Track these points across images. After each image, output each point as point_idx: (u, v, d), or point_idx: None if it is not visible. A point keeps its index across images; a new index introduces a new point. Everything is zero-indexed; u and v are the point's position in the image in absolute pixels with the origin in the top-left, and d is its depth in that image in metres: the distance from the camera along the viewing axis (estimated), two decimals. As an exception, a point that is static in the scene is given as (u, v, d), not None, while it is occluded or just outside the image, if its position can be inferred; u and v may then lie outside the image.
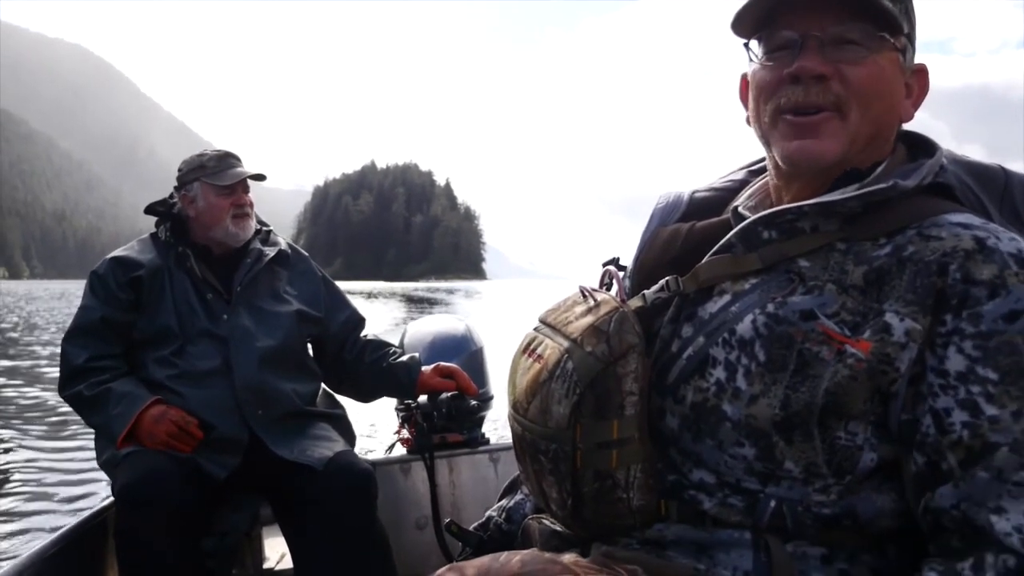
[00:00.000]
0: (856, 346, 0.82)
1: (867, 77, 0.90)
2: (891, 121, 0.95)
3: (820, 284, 0.87)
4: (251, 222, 2.19)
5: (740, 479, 0.89)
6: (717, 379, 0.89)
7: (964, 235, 0.84)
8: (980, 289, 0.81)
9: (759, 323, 0.88)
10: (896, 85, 0.93)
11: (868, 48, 0.90)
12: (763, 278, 0.92)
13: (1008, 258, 0.82)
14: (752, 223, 0.94)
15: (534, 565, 0.80)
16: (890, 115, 0.94)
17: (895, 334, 0.82)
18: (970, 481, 0.79)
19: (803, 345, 0.85)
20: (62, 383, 2.04)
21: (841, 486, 0.86)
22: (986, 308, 0.80)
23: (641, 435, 0.91)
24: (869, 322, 0.83)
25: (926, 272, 0.83)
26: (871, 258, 0.87)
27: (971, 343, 0.80)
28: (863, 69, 0.90)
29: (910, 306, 0.82)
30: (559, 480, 0.93)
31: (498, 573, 0.79)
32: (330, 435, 2.08)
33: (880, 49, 0.91)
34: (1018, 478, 0.77)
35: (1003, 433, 0.78)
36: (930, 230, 0.86)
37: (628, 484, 0.91)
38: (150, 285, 2.07)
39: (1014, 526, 0.77)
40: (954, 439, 0.80)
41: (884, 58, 0.91)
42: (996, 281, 0.81)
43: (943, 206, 0.90)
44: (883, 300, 0.84)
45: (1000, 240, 0.84)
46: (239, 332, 2.06)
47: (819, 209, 0.90)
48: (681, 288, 0.97)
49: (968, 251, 0.83)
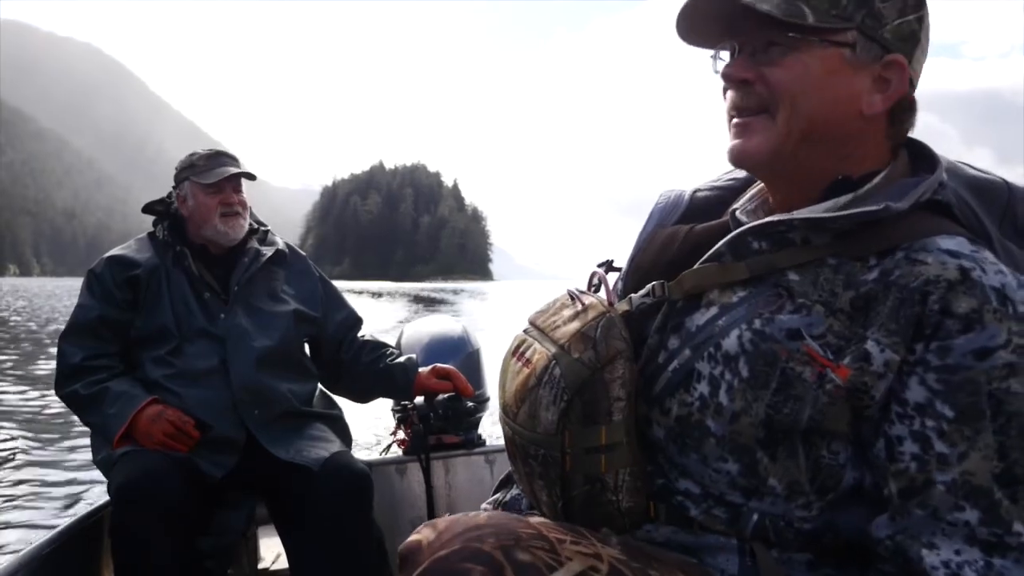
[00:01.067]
0: (836, 371, 0.83)
1: (786, 76, 0.90)
2: (839, 116, 0.91)
3: (809, 304, 0.87)
4: (241, 221, 2.17)
5: (724, 492, 0.90)
6: (701, 394, 0.90)
7: (950, 264, 0.83)
8: (955, 322, 0.80)
9: (745, 339, 0.88)
10: (834, 80, 0.90)
11: (791, 48, 0.90)
12: (751, 291, 0.91)
13: (990, 292, 0.80)
14: (742, 233, 0.94)
15: (500, 519, 0.84)
16: (834, 110, 0.91)
17: (874, 364, 0.82)
18: (906, 515, 0.81)
19: (787, 364, 0.85)
20: (58, 381, 2.04)
21: (823, 503, 0.87)
22: (957, 342, 0.80)
23: (629, 439, 0.91)
24: (851, 348, 0.83)
25: (909, 301, 0.82)
26: (859, 282, 0.86)
27: (935, 376, 0.80)
28: (781, 69, 0.91)
29: (892, 336, 0.82)
30: (549, 484, 0.94)
31: (465, 523, 0.84)
32: (327, 436, 2.08)
33: (804, 47, 0.90)
34: (951, 518, 0.79)
35: (946, 472, 0.79)
36: (918, 254, 0.85)
37: (617, 487, 0.91)
38: (147, 284, 2.07)
39: (942, 561, 0.78)
40: (900, 468, 0.81)
41: (810, 55, 0.90)
42: (972, 316, 0.80)
43: (937, 226, 0.89)
44: (867, 327, 0.84)
45: (985, 273, 0.82)
46: (236, 332, 2.06)
47: (810, 224, 0.90)
48: (667, 294, 0.97)
49: (951, 282, 0.81)
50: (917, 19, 0.91)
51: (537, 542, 0.81)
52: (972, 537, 0.78)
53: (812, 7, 0.88)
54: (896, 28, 0.91)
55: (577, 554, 0.81)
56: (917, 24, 0.92)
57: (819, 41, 0.89)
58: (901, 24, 0.91)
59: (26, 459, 5.67)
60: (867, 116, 0.92)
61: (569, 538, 0.83)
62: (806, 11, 0.88)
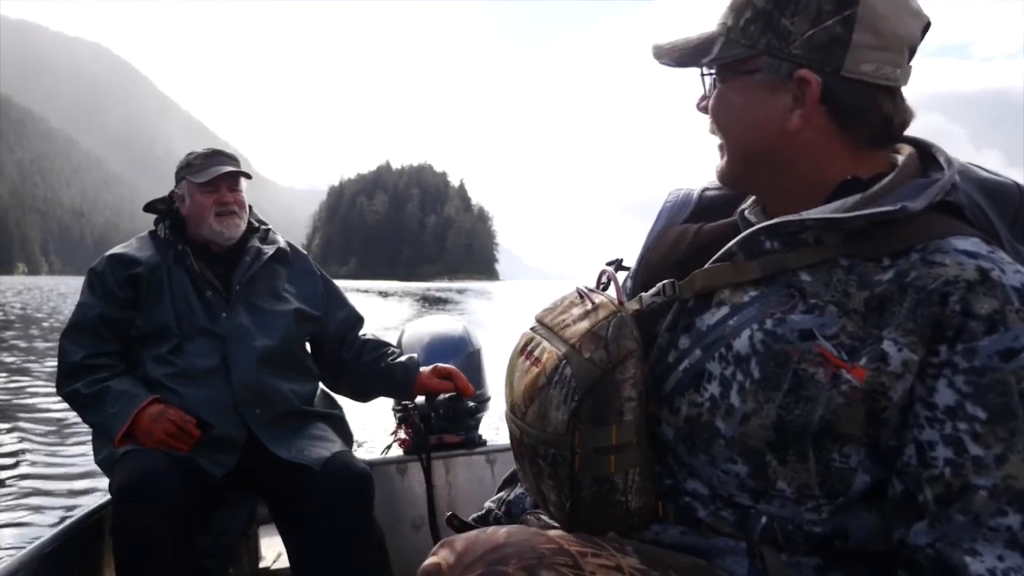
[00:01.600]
0: (852, 372, 0.82)
1: (716, 107, 0.97)
2: (763, 138, 0.93)
3: (822, 304, 0.86)
4: (237, 220, 2.16)
5: (732, 494, 0.89)
6: (711, 395, 0.89)
7: (968, 264, 0.82)
8: (978, 323, 0.79)
9: (756, 339, 0.87)
10: (750, 106, 0.94)
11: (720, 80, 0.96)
12: (762, 291, 0.91)
13: (1011, 292, 0.80)
14: (754, 232, 0.94)
15: (520, 536, 0.83)
16: (758, 134, 0.94)
17: (892, 364, 0.81)
18: (946, 522, 0.79)
19: (799, 365, 0.84)
20: (60, 380, 2.04)
21: (832, 506, 0.86)
22: (982, 344, 0.79)
23: (639, 440, 0.91)
24: (867, 348, 0.82)
25: (927, 302, 0.81)
26: (873, 282, 0.85)
27: (963, 378, 0.79)
28: (714, 100, 0.97)
29: (909, 336, 0.81)
30: (558, 484, 0.93)
31: (484, 544, 0.82)
32: (328, 435, 2.08)
33: (727, 79, 0.95)
34: (994, 523, 0.77)
35: (985, 476, 0.77)
36: (934, 255, 0.84)
37: (626, 487, 0.91)
38: (148, 282, 2.07)
39: (988, 568, 0.77)
40: (935, 474, 0.79)
41: (727, 86, 0.95)
42: (995, 316, 0.79)
43: (951, 227, 0.88)
44: (883, 327, 0.83)
45: (1004, 273, 0.81)
46: (237, 331, 2.06)
47: (823, 224, 0.89)
48: (678, 293, 0.97)
49: (971, 282, 0.81)
50: (841, 20, 0.87)
51: (560, 558, 0.80)
52: (1015, 542, 0.76)
53: (724, 41, 0.93)
54: (808, 40, 0.89)
55: (600, 567, 0.81)
56: (842, 26, 0.88)
57: (731, 72, 0.94)
58: (815, 34, 0.88)
59: (28, 458, 5.68)
60: (791, 133, 0.91)
61: (590, 550, 0.83)
62: (714, 48, 0.94)
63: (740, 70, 0.93)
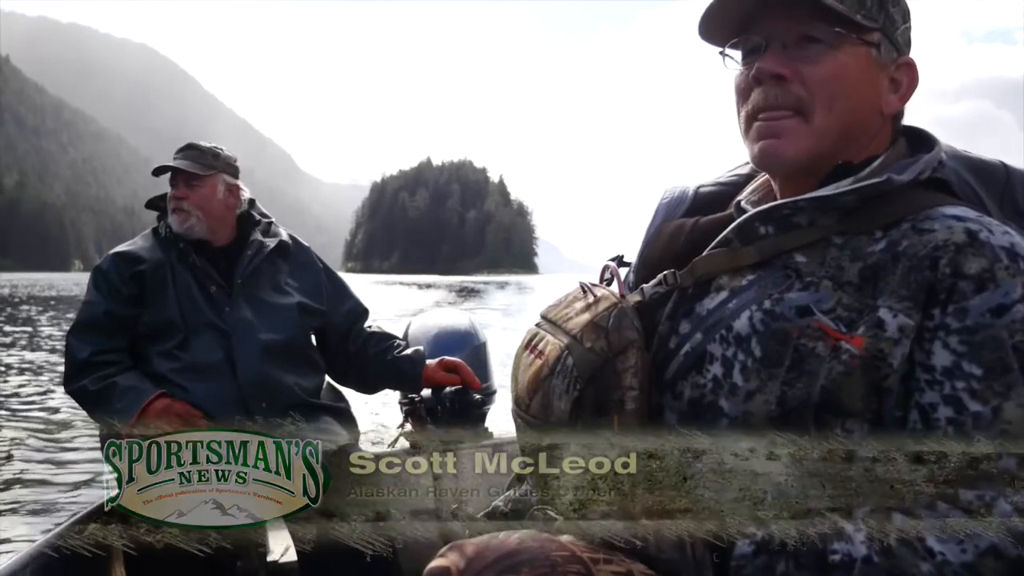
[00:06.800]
0: (850, 342, 0.83)
1: (826, 75, 0.91)
2: (865, 116, 0.95)
3: (816, 280, 0.88)
4: (188, 216, 2.14)
5: None
6: (714, 375, 0.91)
7: (957, 227, 0.84)
8: (968, 283, 0.81)
9: (756, 319, 0.89)
10: (865, 80, 0.93)
11: (830, 45, 0.90)
12: (760, 274, 0.93)
13: (999, 251, 0.82)
14: (749, 218, 0.96)
15: (531, 542, 0.83)
16: (863, 110, 0.94)
17: (888, 330, 0.82)
18: None
19: (799, 341, 0.85)
20: (67, 378, 2.08)
21: None
22: (972, 303, 0.81)
23: (641, 429, 0.92)
24: (864, 318, 0.84)
25: (919, 267, 0.83)
26: (866, 254, 0.87)
27: (956, 338, 0.81)
28: (821, 67, 0.91)
29: (903, 302, 0.83)
30: None
31: (496, 549, 0.82)
32: (334, 428, 2.09)
33: (841, 45, 0.90)
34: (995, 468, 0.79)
35: (985, 431, 0.79)
36: (924, 223, 0.87)
37: None
38: (152, 279, 2.09)
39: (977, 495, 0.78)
40: (938, 435, 0.80)
41: (847, 54, 0.91)
42: (984, 275, 0.81)
43: (939, 199, 0.90)
44: (878, 296, 0.84)
45: (992, 233, 0.83)
46: (241, 325, 2.08)
47: (815, 204, 0.91)
48: (679, 282, 0.98)
49: (959, 244, 0.83)
50: (908, 28, 0.97)
51: (572, 565, 0.80)
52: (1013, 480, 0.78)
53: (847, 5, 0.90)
54: (904, 32, 0.96)
55: (612, 574, 0.81)
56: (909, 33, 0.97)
57: (855, 39, 0.91)
58: (905, 29, 0.96)
59: (34, 455, 5.77)
60: (885, 115, 0.95)
61: (601, 556, 0.83)
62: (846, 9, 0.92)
63: (863, 40, 0.92)
